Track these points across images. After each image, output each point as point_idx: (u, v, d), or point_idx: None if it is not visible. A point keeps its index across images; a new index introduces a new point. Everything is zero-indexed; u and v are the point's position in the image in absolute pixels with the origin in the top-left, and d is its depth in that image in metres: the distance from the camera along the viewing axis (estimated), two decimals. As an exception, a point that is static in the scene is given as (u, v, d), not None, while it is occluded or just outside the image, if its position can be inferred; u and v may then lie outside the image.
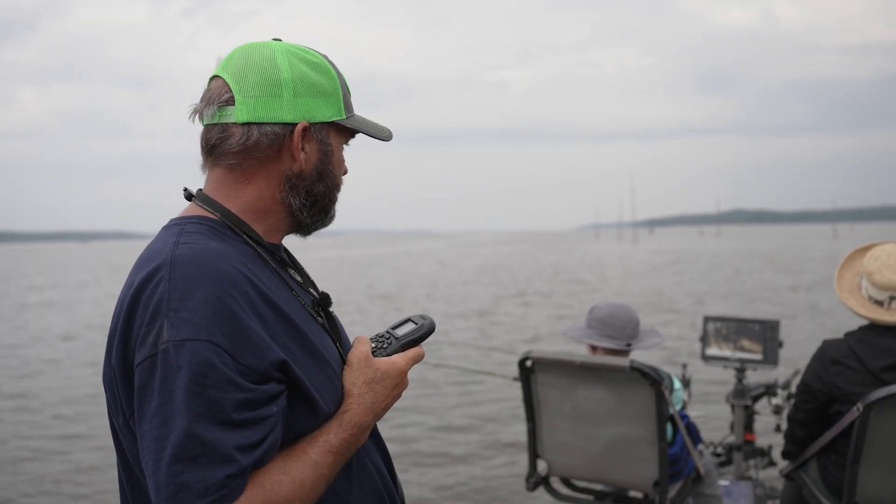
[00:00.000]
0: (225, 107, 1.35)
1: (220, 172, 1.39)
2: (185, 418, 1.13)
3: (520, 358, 3.40)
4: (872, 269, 2.98)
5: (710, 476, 3.47)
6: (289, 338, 1.28)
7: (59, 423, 8.48)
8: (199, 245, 1.27)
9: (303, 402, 1.27)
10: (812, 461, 3.17)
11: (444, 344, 11.95)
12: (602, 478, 3.40)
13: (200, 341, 1.16)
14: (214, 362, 1.15)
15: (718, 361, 4.12)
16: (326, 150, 1.41)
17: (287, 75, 1.35)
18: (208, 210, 1.37)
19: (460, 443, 7.39)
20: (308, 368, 1.29)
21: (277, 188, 1.38)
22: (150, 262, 1.26)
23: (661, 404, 3.11)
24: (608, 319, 3.42)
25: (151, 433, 1.15)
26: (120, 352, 1.23)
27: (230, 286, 1.22)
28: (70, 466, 6.85)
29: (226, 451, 1.13)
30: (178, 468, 1.12)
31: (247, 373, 1.18)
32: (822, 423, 3.06)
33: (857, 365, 2.93)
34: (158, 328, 1.17)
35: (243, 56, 1.37)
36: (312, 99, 1.37)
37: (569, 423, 3.35)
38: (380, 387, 1.36)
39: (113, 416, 1.32)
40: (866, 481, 2.88)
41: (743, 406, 4.10)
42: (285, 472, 1.22)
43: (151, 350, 1.17)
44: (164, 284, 1.20)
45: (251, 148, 1.34)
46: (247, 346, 1.19)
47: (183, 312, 1.17)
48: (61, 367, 12.33)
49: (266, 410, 1.19)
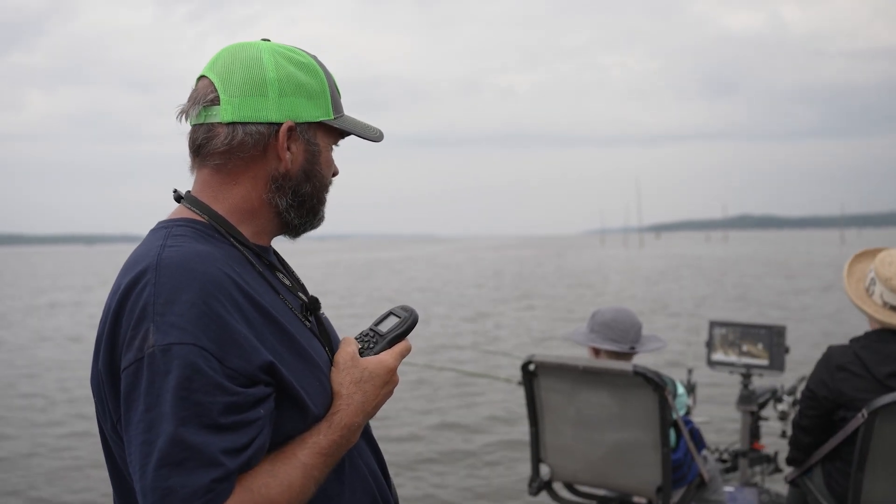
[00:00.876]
0: (210, 106, 1.35)
1: (206, 173, 1.39)
2: (172, 423, 1.13)
3: (523, 362, 3.39)
4: (890, 275, 2.95)
5: (715, 482, 3.46)
6: (276, 340, 1.27)
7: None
8: (186, 248, 1.26)
9: (291, 405, 1.27)
10: (817, 468, 3.15)
11: (449, 348, 11.96)
12: (605, 483, 3.38)
13: (186, 345, 1.15)
14: (200, 366, 1.15)
15: (724, 367, 4.11)
16: (313, 151, 1.40)
17: (273, 75, 1.34)
18: (196, 212, 1.36)
19: (462, 447, 7.38)
20: (296, 371, 1.28)
21: (264, 189, 1.38)
22: (136, 265, 1.26)
23: (665, 409, 3.10)
24: (612, 323, 3.41)
25: (138, 438, 1.15)
26: (107, 356, 1.23)
27: (216, 289, 1.21)
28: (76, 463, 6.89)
29: (212, 455, 1.13)
30: (165, 473, 1.11)
31: (234, 376, 1.18)
32: (827, 430, 3.04)
33: (862, 371, 2.91)
34: (144, 332, 1.17)
35: (229, 56, 1.37)
36: (298, 99, 1.36)
37: (572, 427, 3.34)
38: (369, 386, 1.35)
39: (101, 421, 1.31)
40: (871, 488, 2.86)
41: (749, 412, 4.08)
42: (273, 475, 1.21)
43: (137, 354, 1.17)
44: (149, 288, 1.20)
45: (236, 148, 1.34)
46: (233, 350, 1.19)
47: (169, 316, 1.17)
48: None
49: (253, 414, 1.19)
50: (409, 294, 25.99)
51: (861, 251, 3.22)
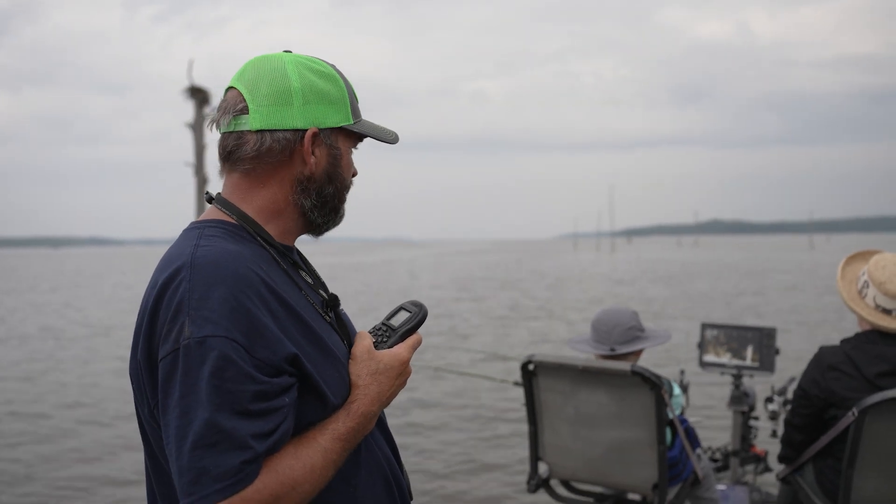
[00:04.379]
0: (240, 115, 1.44)
1: (236, 177, 1.48)
2: (206, 408, 1.21)
3: (522, 362, 3.44)
4: (883, 279, 3.03)
5: (708, 480, 3.53)
6: (299, 334, 1.36)
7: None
8: (217, 247, 1.35)
9: (312, 395, 1.36)
10: (808, 465, 3.22)
11: (443, 349, 12.03)
12: (602, 480, 3.44)
13: (219, 338, 1.24)
14: (232, 357, 1.24)
15: (716, 368, 4.19)
16: (335, 154, 1.50)
17: (297, 84, 1.44)
18: (226, 213, 1.46)
19: (458, 443, 7.42)
20: (317, 363, 1.37)
21: (290, 190, 1.47)
22: (171, 263, 1.34)
23: (661, 408, 3.17)
24: (596, 325, 3.49)
25: (174, 422, 1.23)
26: (145, 347, 1.31)
27: (246, 286, 1.30)
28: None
29: (242, 438, 1.22)
30: (199, 454, 1.20)
31: (261, 366, 1.26)
32: (819, 428, 3.12)
33: (852, 371, 2.99)
34: (180, 325, 1.26)
35: (255, 68, 1.47)
36: (321, 106, 1.46)
37: (570, 426, 3.39)
38: (384, 377, 1.45)
39: (139, 407, 1.40)
40: (861, 485, 2.94)
41: (740, 412, 4.17)
42: (297, 458, 1.30)
43: (174, 346, 1.25)
44: (185, 285, 1.29)
45: (265, 153, 1.44)
46: (261, 342, 1.27)
47: (203, 311, 1.26)
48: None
49: (279, 401, 1.28)
50: (378, 298, 25.98)
51: (853, 254, 3.30)
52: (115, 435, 7.94)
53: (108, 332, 17.46)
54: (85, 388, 10.66)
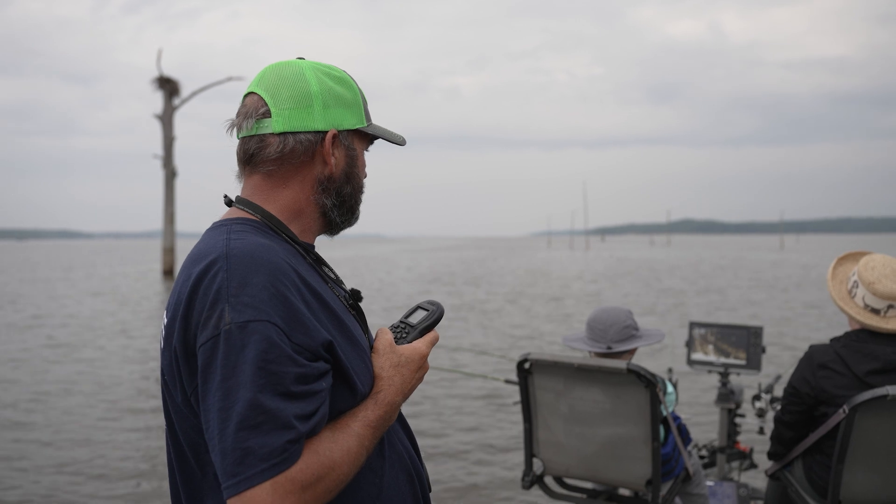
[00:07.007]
0: (262, 119, 1.49)
1: (258, 179, 1.53)
2: (250, 390, 1.24)
3: (518, 359, 3.47)
4: (872, 279, 3.10)
5: (698, 476, 3.59)
6: (330, 324, 1.41)
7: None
8: (250, 240, 1.40)
9: (343, 383, 1.40)
10: (797, 461, 3.29)
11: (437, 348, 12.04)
12: (596, 477, 3.47)
13: (261, 322, 1.28)
14: (275, 340, 1.28)
15: (703, 366, 4.25)
16: (352, 155, 1.57)
17: (316, 88, 1.50)
18: (249, 212, 1.51)
19: (455, 441, 7.44)
20: (347, 352, 1.42)
21: (311, 190, 1.53)
22: (204, 257, 1.38)
23: (656, 405, 3.21)
24: (592, 323, 3.53)
25: (216, 404, 1.26)
26: (181, 336, 1.35)
27: (282, 275, 1.35)
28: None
29: (286, 419, 1.25)
30: (244, 435, 1.23)
31: (300, 351, 1.30)
32: (808, 425, 3.18)
33: (843, 369, 3.05)
34: (220, 312, 1.29)
35: (274, 74, 1.52)
36: (338, 109, 1.52)
37: (565, 423, 3.43)
38: (406, 370, 1.50)
39: (170, 396, 1.43)
40: (850, 480, 3.01)
41: (727, 409, 4.23)
42: (334, 441, 1.34)
43: (214, 332, 1.29)
44: (222, 274, 1.33)
45: (288, 155, 1.49)
46: (299, 328, 1.32)
47: (243, 297, 1.30)
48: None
49: (318, 385, 1.32)
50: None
51: (844, 254, 3.37)
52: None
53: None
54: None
